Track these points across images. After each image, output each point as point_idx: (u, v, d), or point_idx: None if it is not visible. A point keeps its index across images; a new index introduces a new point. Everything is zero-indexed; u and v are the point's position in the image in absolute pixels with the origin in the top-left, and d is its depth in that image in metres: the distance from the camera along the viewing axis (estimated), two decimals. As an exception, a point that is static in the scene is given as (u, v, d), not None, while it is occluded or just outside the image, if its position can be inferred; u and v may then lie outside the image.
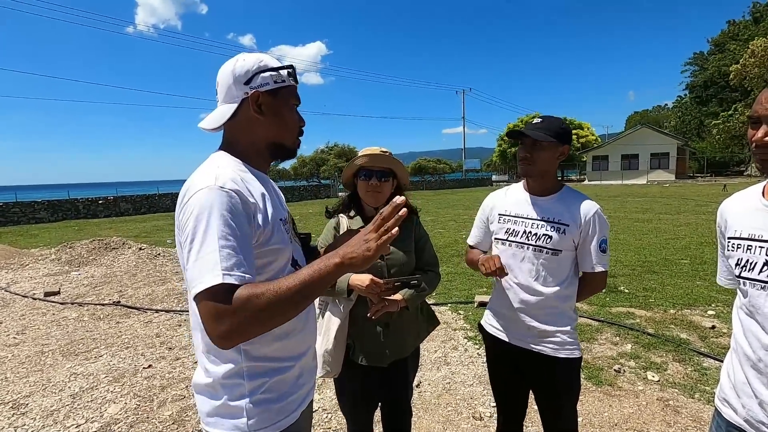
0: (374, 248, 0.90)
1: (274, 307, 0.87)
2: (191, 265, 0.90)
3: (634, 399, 2.83)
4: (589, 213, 1.60)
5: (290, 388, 1.12)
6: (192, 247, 0.90)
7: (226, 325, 0.86)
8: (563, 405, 1.68)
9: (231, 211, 0.93)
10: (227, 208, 0.93)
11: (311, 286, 0.89)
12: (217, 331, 0.86)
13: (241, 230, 0.94)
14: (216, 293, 0.86)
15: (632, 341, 3.73)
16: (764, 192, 1.15)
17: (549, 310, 1.63)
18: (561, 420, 1.70)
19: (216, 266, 0.87)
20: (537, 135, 1.56)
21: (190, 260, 0.90)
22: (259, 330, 0.90)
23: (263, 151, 1.13)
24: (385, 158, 1.79)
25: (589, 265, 1.63)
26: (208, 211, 0.91)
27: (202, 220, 0.91)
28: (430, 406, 2.86)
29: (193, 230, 0.91)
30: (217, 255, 0.88)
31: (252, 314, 0.86)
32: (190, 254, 0.90)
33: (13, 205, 19.03)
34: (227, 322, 0.85)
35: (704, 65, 49.34)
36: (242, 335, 0.89)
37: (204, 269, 0.88)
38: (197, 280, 0.88)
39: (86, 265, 7.92)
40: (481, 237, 1.90)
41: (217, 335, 0.87)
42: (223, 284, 0.86)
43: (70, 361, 3.69)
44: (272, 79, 1.08)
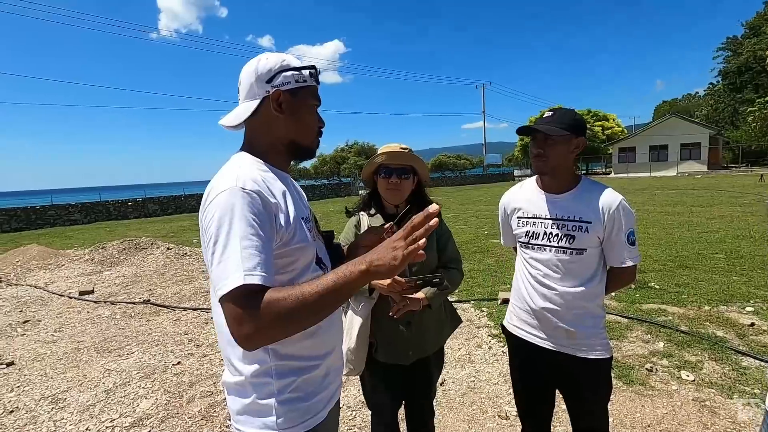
0: (401, 258, 0.86)
1: (297, 312, 0.86)
2: (215, 267, 0.91)
3: (668, 399, 2.73)
4: (612, 206, 1.53)
5: (317, 387, 1.12)
6: (215, 249, 0.91)
7: (248, 328, 0.86)
8: (594, 408, 1.62)
9: (252, 211, 0.94)
10: (249, 209, 0.93)
11: (335, 293, 0.88)
12: (241, 333, 0.87)
13: (263, 231, 0.94)
14: (239, 295, 0.86)
15: (665, 339, 3.60)
16: None
17: (576, 311, 1.58)
18: (591, 422, 1.65)
19: (238, 267, 0.88)
20: (549, 129, 1.49)
21: (213, 262, 0.91)
22: (281, 334, 0.90)
23: (282, 150, 1.14)
24: (405, 155, 1.77)
25: (617, 260, 1.57)
26: (230, 212, 0.92)
27: (224, 222, 0.92)
28: (454, 404, 2.84)
29: (215, 232, 0.92)
30: (239, 256, 0.89)
31: (275, 318, 0.86)
32: (213, 256, 0.91)
33: (50, 208, 19.92)
34: (250, 324, 0.86)
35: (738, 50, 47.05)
36: (264, 338, 0.89)
37: (227, 271, 0.88)
38: (221, 282, 0.88)
39: (117, 265, 8.20)
40: (508, 239, 1.85)
41: (240, 337, 0.88)
42: (246, 285, 0.87)
43: (104, 358, 3.83)
44: (293, 78, 1.08)
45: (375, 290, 1.69)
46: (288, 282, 1.04)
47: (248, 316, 0.86)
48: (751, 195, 14.22)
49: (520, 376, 1.79)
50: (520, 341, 1.73)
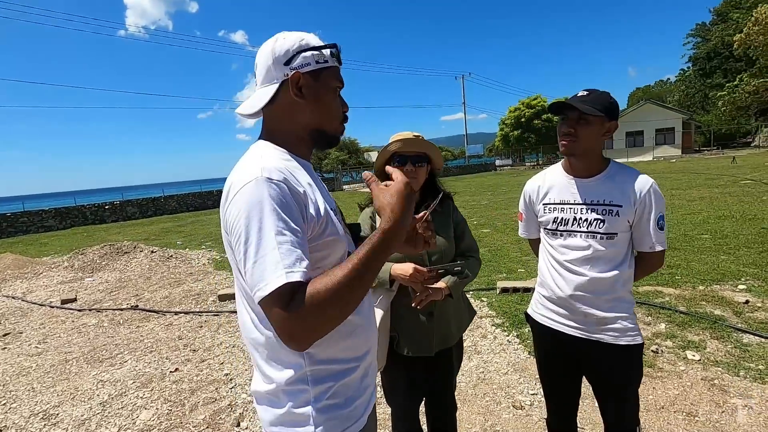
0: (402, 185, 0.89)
1: (338, 297, 0.81)
2: (250, 268, 0.82)
3: (678, 380, 2.75)
4: (643, 189, 1.49)
5: (356, 391, 1.04)
6: (248, 249, 0.83)
7: (299, 328, 0.80)
8: (626, 395, 1.59)
9: (282, 203, 0.85)
10: (278, 201, 0.85)
11: (366, 265, 0.83)
12: (292, 334, 0.80)
13: (296, 223, 0.86)
14: (283, 295, 0.79)
15: (665, 320, 3.64)
16: None
17: (607, 296, 1.54)
18: (622, 410, 1.61)
19: (278, 266, 0.80)
20: (585, 108, 1.44)
21: (247, 263, 0.83)
22: (330, 325, 0.84)
23: (305, 138, 1.04)
24: (420, 142, 1.71)
25: (647, 245, 1.53)
26: (258, 206, 0.83)
27: (253, 217, 0.83)
28: (467, 396, 2.80)
29: (246, 230, 0.83)
30: (276, 253, 0.81)
31: (320, 311, 0.80)
32: (246, 257, 0.83)
33: (21, 215, 19.09)
34: (299, 324, 0.80)
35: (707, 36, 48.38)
36: (316, 333, 0.83)
37: (266, 271, 0.80)
38: (261, 283, 0.80)
39: (99, 271, 7.90)
40: (530, 228, 1.80)
41: (291, 338, 0.81)
42: (289, 284, 0.79)
43: (95, 369, 3.65)
44: (314, 59, 0.98)
45: (395, 282, 1.63)
46: None
47: (296, 316, 0.79)
48: (726, 176, 14.67)
49: (546, 365, 1.76)
50: (546, 329, 1.69)
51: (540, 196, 1.68)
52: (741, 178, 13.81)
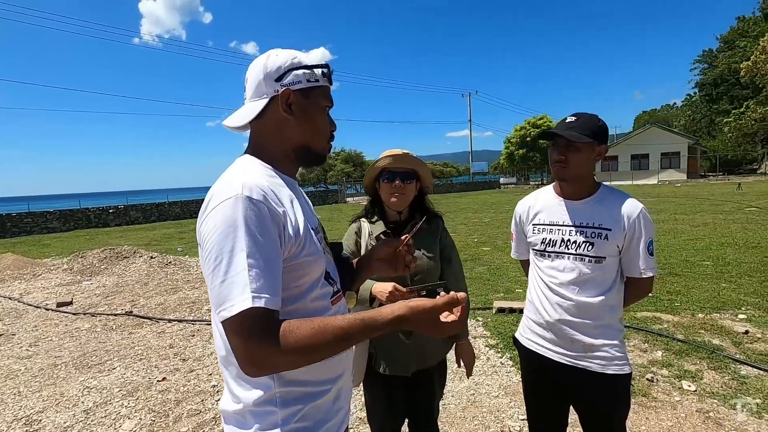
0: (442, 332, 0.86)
1: (315, 350, 0.80)
2: (217, 286, 0.81)
3: (672, 411, 2.68)
4: (633, 214, 1.48)
5: (327, 414, 1.02)
6: (217, 266, 0.81)
7: (257, 354, 0.79)
8: (613, 426, 1.54)
9: (259, 223, 0.84)
10: (255, 221, 0.84)
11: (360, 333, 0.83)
12: (247, 359, 0.79)
13: (271, 246, 0.85)
14: (246, 319, 0.78)
15: (662, 348, 3.57)
16: None
17: (594, 322, 1.51)
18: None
19: (245, 288, 0.79)
20: (572, 135, 1.44)
21: (215, 281, 0.81)
22: (294, 367, 0.84)
23: (291, 154, 1.04)
24: (409, 159, 1.72)
25: (636, 271, 1.51)
26: (234, 225, 0.82)
27: (228, 235, 0.82)
28: (455, 419, 2.74)
29: (218, 247, 0.82)
30: (246, 275, 0.80)
31: (292, 354, 0.79)
32: (215, 274, 0.82)
33: (26, 216, 19.24)
34: (259, 351, 0.78)
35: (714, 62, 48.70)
36: (272, 367, 0.82)
37: (232, 292, 0.79)
38: (225, 303, 0.79)
39: (98, 275, 7.91)
40: (521, 249, 1.79)
41: (246, 363, 0.80)
42: (254, 308, 0.78)
43: (83, 374, 3.62)
44: (305, 77, 0.98)
45: (376, 300, 1.61)
46: (296, 298, 0.94)
47: (257, 342, 0.78)
48: (731, 203, 14.58)
49: (532, 391, 1.72)
50: (533, 355, 1.65)
51: (530, 216, 1.67)
52: (746, 205, 13.72)
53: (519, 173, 48.00)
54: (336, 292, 1.07)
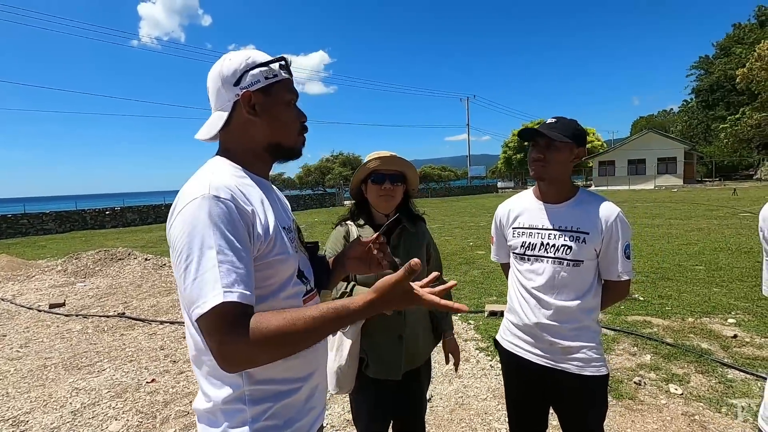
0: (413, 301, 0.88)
1: (286, 342, 0.82)
2: (189, 285, 0.82)
3: (658, 414, 2.69)
4: (610, 218, 1.50)
5: (297, 413, 1.02)
6: (188, 266, 0.83)
7: (232, 349, 0.79)
8: (591, 426, 1.56)
9: (227, 221, 0.85)
10: (222, 219, 0.85)
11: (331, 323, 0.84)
12: (223, 354, 0.80)
13: (240, 242, 0.86)
14: (219, 315, 0.79)
15: (651, 351, 3.59)
16: None
17: (572, 325, 1.52)
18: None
19: (216, 284, 0.80)
20: (553, 134, 1.46)
21: (187, 280, 0.82)
22: (267, 361, 0.84)
23: (263, 154, 1.04)
24: (397, 161, 1.72)
25: (614, 274, 1.53)
26: (203, 223, 0.83)
27: (196, 234, 0.83)
28: (443, 422, 2.74)
29: (188, 246, 0.83)
30: (216, 272, 0.81)
31: (262, 347, 0.80)
32: (186, 273, 0.83)
33: (22, 217, 19.19)
34: (234, 346, 0.79)
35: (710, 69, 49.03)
36: (248, 362, 0.83)
37: (204, 289, 0.80)
38: (198, 300, 0.80)
39: (92, 276, 7.89)
40: (500, 252, 1.81)
41: (222, 359, 0.80)
42: (226, 303, 0.79)
43: (72, 376, 3.61)
44: (263, 75, 0.98)
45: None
46: (267, 296, 0.95)
47: (231, 337, 0.79)
48: (725, 208, 14.65)
49: (513, 393, 1.73)
50: (513, 357, 1.66)
51: (510, 220, 1.69)
52: (740, 210, 13.79)
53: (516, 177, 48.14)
54: (309, 290, 1.08)
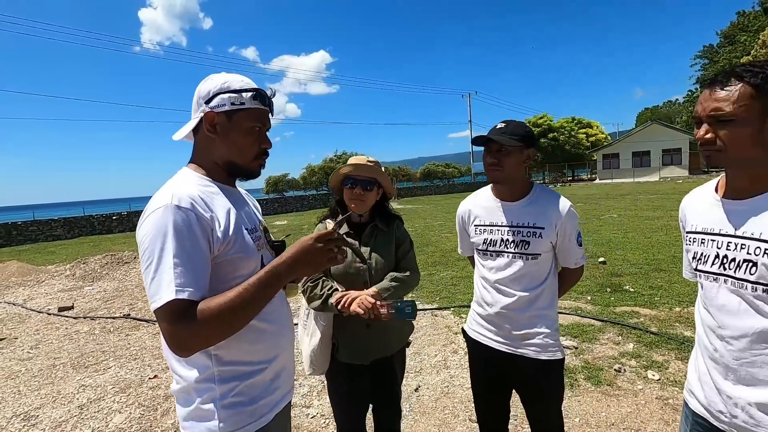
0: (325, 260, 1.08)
1: (223, 316, 0.96)
2: (149, 283, 0.97)
3: (633, 398, 2.81)
4: (563, 212, 1.61)
5: (262, 391, 1.16)
6: (149, 266, 0.98)
7: (181, 336, 0.95)
8: (549, 406, 1.69)
9: (186, 228, 1.00)
10: (182, 226, 0.99)
11: (253, 294, 1.00)
12: (173, 342, 0.96)
13: (196, 247, 1.00)
14: (170, 309, 0.95)
15: (634, 340, 3.70)
16: (717, 187, 1.18)
17: (530, 313, 1.64)
18: (547, 421, 1.71)
19: (170, 283, 0.95)
20: (502, 140, 1.56)
21: (148, 277, 0.98)
22: (214, 339, 0.99)
23: (223, 167, 1.18)
24: (370, 168, 1.85)
25: (571, 262, 1.67)
26: (163, 230, 0.98)
27: (158, 239, 0.98)
28: (427, 409, 2.88)
29: (150, 249, 0.98)
30: (171, 273, 0.96)
31: (206, 325, 0.96)
32: (147, 272, 0.98)
33: (31, 224, 19.58)
34: (182, 333, 0.95)
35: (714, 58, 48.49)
36: (199, 344, 0.98)
37: (160, 287, 0.96)
38: (155, 296, 0.96)
39: (99, 280, 8.11)
40: (465, 247, 1.92)
41: (175, 345, 0.96)
42: (176, 300, 0.94)
43: (80, 374, 3.80)
44: (230, 101, 1.11)
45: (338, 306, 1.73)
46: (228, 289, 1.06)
47: (179, 328, 0.95)
48: (728, 198, 14.57)
49: (479, 378, 1.85)
50: (479, 345, 1.78)
51: (471, 218, 1.80)
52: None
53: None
54: None
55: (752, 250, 1.03)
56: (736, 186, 1.11)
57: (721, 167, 1.10)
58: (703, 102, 1.05)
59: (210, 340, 0.99)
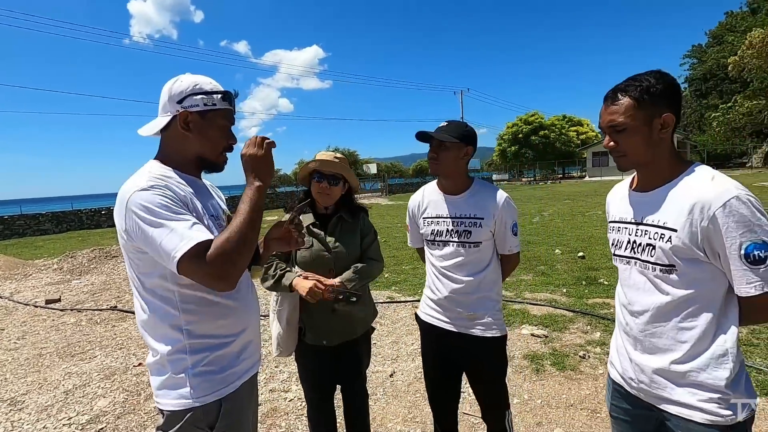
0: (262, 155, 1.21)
1: (241, 238, 1.09)
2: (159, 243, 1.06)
3: (593, 381, 2.98)
4: (500, 203, 1.76)
5: (230, 362, 1.28)
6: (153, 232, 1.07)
7: (221, 268, 1.06)
8: (495, 379, 1.84)
9: (168, 198, 1.12)
10: (165, 199, 1.11)
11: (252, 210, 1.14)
12: (216, 276, 1.06)
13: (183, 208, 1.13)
14: (198, 249, 1.05)
15: (602, 329, 3.88)
16: (632, 183, 1.34)
17: (476, 296, 1.79)
18: (494, 395, 1.86)
19: (184, 234, 1.06)
20: (442, 137, 1.70)
21: (156, 241, 1.07)
22: (244, 259, 1.11)
23: (192, 161, 1.30)
24: (335, 164, 1.98)
25: (507, 249, 1.82)
26: (150, 205, 1.09)
27: (149, 214, 1.08)
28: (400, 393, 3.03)
29: (147, 223, 1.08)
30: (181, 226, 1.07)
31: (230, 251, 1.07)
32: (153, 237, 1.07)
33: (18, 218, 19.42)
34: (220, 265, 1.06)
35: (703, 58, 49.17)
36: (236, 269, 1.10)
37: (174, 240, 1.06)
38: (175, 249, 1.05)
39: (87, 274, 8.15)
40: (415, 239, 2.05)
41: (217, 279, 1.07)
42: (201, 243, 1.06)
43: (66, 362, 3.89)
44: (203, 101, 1.23)
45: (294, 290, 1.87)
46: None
47: (215, 262, 1.05)
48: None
49: (430, 359, 1.98)
50: (430, 327, 1.92)
51: (421, 210, 1.94)
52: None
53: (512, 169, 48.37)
54: None
55: (652, 235, 1.18)
56: (642, 181, 1.27)
57: (630, 169, 1.26)
58: (602, 115, 1.23)
59: (241, 260, 1.10)
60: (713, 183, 1.10)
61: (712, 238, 1.08)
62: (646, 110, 1.15)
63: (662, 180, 1.20)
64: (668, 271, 1.16)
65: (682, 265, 1.13)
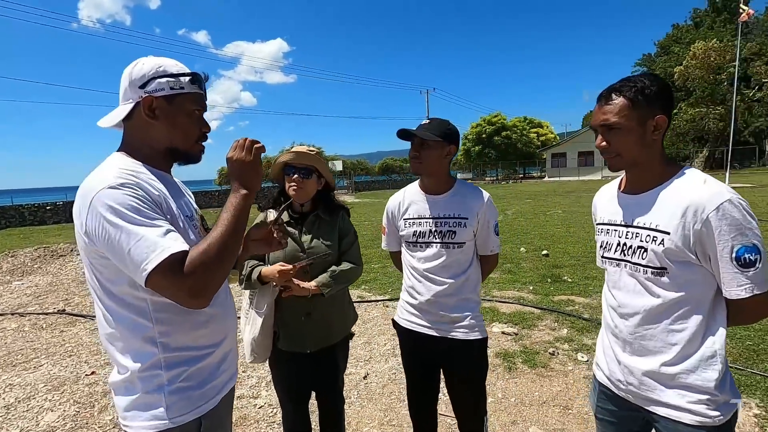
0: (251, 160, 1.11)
1: (222, 250, 0.98)
2: (126, 257, 0.93)
3: (564, 378, 3.05)
4: (483, 203, 1.74)
5: (210, 374, 1.15)
6: (120, 242, 0.93)
7: (198, 281, 0.94)
8: (474, 384, 1.80)
9: (140, 200, 0.98)
10: (136, 200, 0.97)
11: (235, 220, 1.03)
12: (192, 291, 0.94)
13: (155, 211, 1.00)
14: (171, 262, 0.93)
15: (568, 326, 3.99)
16: (620, 184, 1.34)
17: (457, 298, 1.75)
18: (472, 399, 1.83)
19: (156, 243, 0.93)
20: (424, 135, 1.65)
21: (124, 250, 0.93)
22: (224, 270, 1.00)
23: (162, 153, 1.15)
24: (308, 156, 1.88)
25: (488, 249, 1.79)
26: (120, 206, 0.94)
27: (117, 216, 0.94)
28: (374, 395, 2.97)
29: (113, 229, 0.94)
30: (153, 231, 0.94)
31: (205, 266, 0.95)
32: (119, 245, 0.93)
33: (-50, 213, 17.74)
34: (198, 277, 0.94)
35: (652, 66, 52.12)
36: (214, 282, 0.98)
37: (149, 246, 0.92)
38: (146, 260, 0.92)
39: (30, 275, 7.53)
40: (392, 242, 1.98)
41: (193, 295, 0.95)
42: (174, 254, 0.93)
43: (6, 373, 3.54)
44: (168, 85, 1.09)
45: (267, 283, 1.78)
46: None
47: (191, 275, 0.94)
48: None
49: (409, 364, 1.93)
50: (409, 332, 1.86)
51: (401, 211, 1.87)
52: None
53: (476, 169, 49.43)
54: None
55: (644, 238, 1.18)
56: (633, 183, 1.27)
57: (622, 170, 1.25)
58: (595, 115, 1.21)
59: (220, 275, 0.99)
60: (706, 186, 1.11)
61: (705, 240, 1.09)
62: (641, 111, 1.14)
63: (653, 182, 1.20)
64: (659, 273, 1.16)
65: (673, 268, 1.14)
